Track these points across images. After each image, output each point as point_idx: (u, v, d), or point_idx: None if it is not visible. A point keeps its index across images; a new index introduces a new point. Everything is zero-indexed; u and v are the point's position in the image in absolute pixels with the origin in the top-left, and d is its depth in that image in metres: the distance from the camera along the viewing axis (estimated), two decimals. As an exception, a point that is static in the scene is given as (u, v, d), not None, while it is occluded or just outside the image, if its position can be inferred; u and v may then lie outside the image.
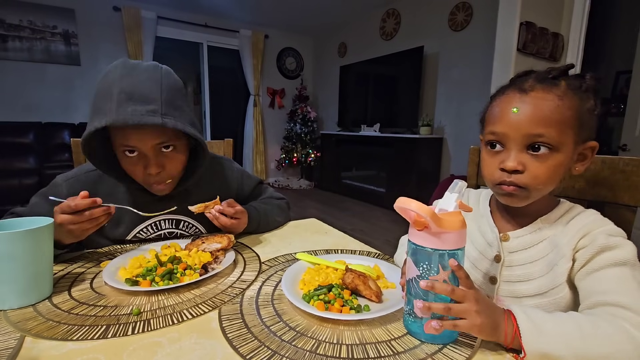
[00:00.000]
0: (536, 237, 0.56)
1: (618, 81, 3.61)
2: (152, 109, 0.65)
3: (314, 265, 0.67)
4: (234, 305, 0.54)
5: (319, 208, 3.98)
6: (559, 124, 0.49)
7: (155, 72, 0.68)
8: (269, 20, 4.84)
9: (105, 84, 0.66)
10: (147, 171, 0.72)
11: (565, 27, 2.46)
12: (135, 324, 0.49)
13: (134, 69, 0.67)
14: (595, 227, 0.50)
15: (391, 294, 0.58)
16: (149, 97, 0.65)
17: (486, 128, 0.56)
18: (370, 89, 4.43)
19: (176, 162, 0.76)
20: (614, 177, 0.69)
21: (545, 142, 0.49)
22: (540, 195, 0.54)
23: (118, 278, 0.60)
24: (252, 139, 5.17)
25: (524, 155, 0.51)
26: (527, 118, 0.49)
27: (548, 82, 0.50)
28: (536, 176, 0.50)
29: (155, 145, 0.71)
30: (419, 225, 0.43)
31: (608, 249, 0.47)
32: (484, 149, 0.57)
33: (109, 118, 0.63)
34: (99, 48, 3.99)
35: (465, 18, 3.29)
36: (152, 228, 0.83)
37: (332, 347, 0.44)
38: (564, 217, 0.55)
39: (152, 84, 0.66)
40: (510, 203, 0.55)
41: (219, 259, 0.68)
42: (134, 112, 0.63)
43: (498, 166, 0.52)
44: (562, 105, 0.49)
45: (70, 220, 0.62)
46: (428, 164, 3.61)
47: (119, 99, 0.63)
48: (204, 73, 4.87)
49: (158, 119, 0.65)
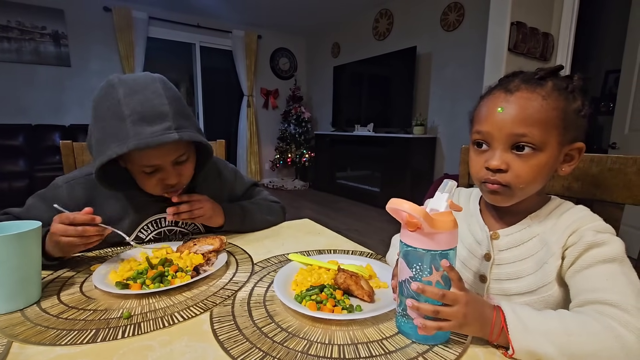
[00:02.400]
0: (525, 235, 0.56)
1: (607, 80, 3.67)
2: (167, 127, 0.66)
3: (307, 265, 0.67)
4: (226, 307, 0.54)
5: (313, 208, 3.98)
6: (542, 124, 0.49)
7: (155, 85, 0.68)
8: (261, 21, 4.83)
9: (110, 104, 0.65)
10: (166, 182, 0.74)
11: (555, 27, 2.49)
12: (125, 327, 0.48)
13: (135, 84, 0.67)
14: (584, 223, 0.50)
15: (383, 294, 0.58)
16: (160, 115, 0.66)
17: (472, 127, 0.57)
18: (364, 89, 4.44)
19: (189, 169, 0.78)
20: (603, 175, 0.70)
21: (529, 142, 0.49)
22: (525, 195, 0.54)
23: (108, 281, 0.60)
24: (246, 139, 5.15)
25: (508, 155, 0.51)
26: (510, 118, 0.49)
27: (533, 83, 0.51)
28: (518, 175, 0.50)
29: (173, 160, 0.73)
30: (411, 226, 0.43)
31: (596, 246, 0.47)
32: (470, 148, 0.58)
33: (130, 143, 0.63)
34: (89, 49, 3.95)
35: (457, 18, 3.31)
36: (153, 226, 0.84)
37: (323, 347, 0.44)
38: (553, 213, 0.55)
39: (158, 99, 0.67)
40: (495, 202, 0.56)
41: (211, 260, 0.68)
42: (153, 134, 0.64)
43: (483, 165, 0.53)
44: (545, 105, 0.49)
45: (62, 230, 0.60)
46: (422, 164, 3.63)
47: (132, 120, 0.64)
48: (196, 74, 4.84)
49: (175, 135, 0.66)
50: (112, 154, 0.64)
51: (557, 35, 2.49)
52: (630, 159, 0.66)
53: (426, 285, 0.43)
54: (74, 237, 0.61)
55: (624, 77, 2.49)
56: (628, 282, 0.44)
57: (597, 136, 3.73)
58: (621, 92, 2.51)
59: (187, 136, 0.68)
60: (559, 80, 0.51)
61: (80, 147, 1.02)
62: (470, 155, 0.58)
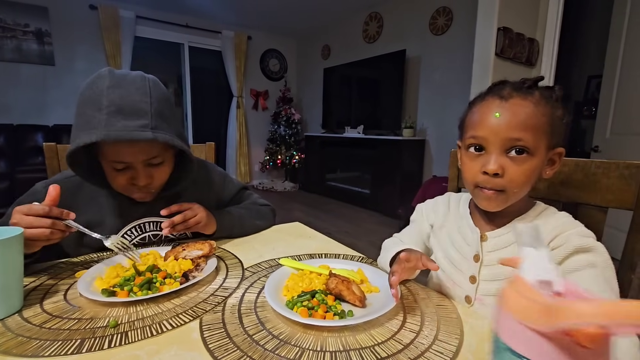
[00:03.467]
0: (511, 237, 0.58)
1: (590, 85, 3.77)
2: (143, 124, 0.64)
3: (298, 270, 0.66)
4: (216, 314, 0.53)
5: (303, 210, 3.97)
6: (534, 129, 0.51)
7: (143, 83, 0.67)
8: (251, 22, 4.80)
9: (91, 93, 0.64)
10: (135, 182, 0.71)
11: (540, 33, 2.55)
12: (112, 336, 0.47)
13: (122, 79, 0.65)
14: (567, 228, 0.53)
15: (375, 298, 0.58)
16: (139, 111, 0.64)
17: (467, 133, 0.58)
18: (354, 91, 4.46)
19: (163, 174, 0.76)
20: (587, 179, 0.71)
21: (524, 146, 0.52)
22: (517, 198, 0.56)
23: (94, 289, 0.58)
24: (236, 141, 5.11)
25: (504, 159, 0.53)
26: (506, 123, 0.52)
27: (524, 91, 0.53)
28: (513, 179, 0.53)
29: (145, 160, 0.70)
30: (599, 338, 0.22)
31: (583, 251, 0.49)
32: (464, 153, 0.59)
33: (99, 133, 0.61)
34: (74, 48, 3.87)
35: (446, 22, 3.36)
36: (137, 231, 0.81)
37: (315, 354, 0.44)
38: (538, 218, 0.58)
39: (141, 96, 0.65)
40: (488, 207, 0.57)
41: (200, 266, 0.67)
42: (125, 128, 0.62)
43: (480, 169, 0.55)
44: (537, 111, 0.52)
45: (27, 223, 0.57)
46: (411, 166, 3.66)
47: (109, 111, 0.62)
48: (185, 74, 4.78)
49: (149, 134, 0.64)
50: (81, 142, 0.62)
51: (542, 41, 2.55)
52: (613, 163, 0.68)
53: None
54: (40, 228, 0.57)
55: (605, 82, 2.56)
56: (609, 288, 0.47)
57: (580, 139, 3.83)
58: (603, 97, 2.58)
59: (162, 138, 0.66)
60: (544, 90, 0.55)
61: (65, 149, 1.00)
62: (464, 161, 0.59)
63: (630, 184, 0.65)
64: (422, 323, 0.51)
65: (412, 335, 0.48)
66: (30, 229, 0.57)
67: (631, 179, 0.65)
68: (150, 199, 0.78)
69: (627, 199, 0.66)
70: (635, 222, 0.64)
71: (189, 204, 0.80)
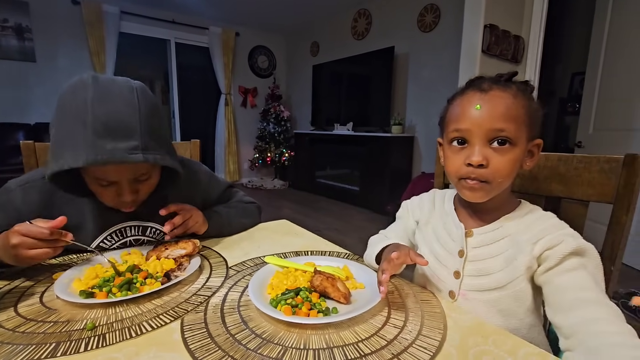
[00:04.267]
0: (498, 234, 0.58)
1: (573, 82, 3.84)
2: (133, 146, 0.60)
3: (283, 268, 0.66)
4: (198, 314, 0.52)
5: (293, 208, 3.96)
6: (515, 119, 0.53)
7: (131, 96, 0.61)
8: (239, 18, 4.74)
9: (74, 105, 0.58)
10: (121, 198, 0.68)
11: (525, 30, 2.58)
12: (88, 339, 0.45)
13: (108, 91, 0.60)
14: (556, 230, 0.54)
15: (360, 295, 0.58)
16: (128, 130, 0.60)
17: (449, 127, 0.58)
18: (343, 88, 4.45)
19: (149, 187, 0.72)
20: (569, 173, 0.72)
21: (506, 137, 0.53)
22: (499, 190, 0.57)
23: (72, 290, 0.57)
24: (224, 138, 5.06)
25: (487, 150, 0.54)
26: (489, 114, 0.53)
27: (502, 84, 0.55)
28: (498, 170, 0.53)
29: (131, 178, 0.67)
30: None
31: (578, 254, 0.51)
32: (447, 148, 0.59)
33: (86, 156, 0.57)
34: (56, 44, 3.76)
35: (434, 19, 3.38)
36: (117, 236, 0.77)
37: (298, 352, 0.43)
38: (525, 217, 0.58)
39: (129, 112, 0.60)
40: (473, 198, 0.57)
41: (183, 265, 0.65)
42: (114, 151, 0.58)
43: (464, 162, 0.55)
44: (516, 103, 0.53)
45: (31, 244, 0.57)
46: (400, 162, 3.68)
47: (95, 130, 0.57)
48: (172, 71, 4.70)
49: (140, 157, 0.60)
50: (65, 165, 0.57)
51: (528, 38, 2.58)
52: (594, 158, 0.69)
53: None
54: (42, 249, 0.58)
55: (588, 79, 2.61)
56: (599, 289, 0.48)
57: (564, 135, 3.90)
58: (586, 93, 2.63)
59: (153, 159, 0.62)
60: (520, 84, 0.56)
61: (44, 147, 0.97)
62: (447, 154, 0.59)
63: (611, 178, 0.66)
64: (407, 318, 0.51)
65: (396, 331, 0.48)
66: (33, 249, 0.57)
67: (611, 173, 0.66)
68: (135, 208, 0.74)
69: (608, 193, 0.67)
70: (615, 216, 0.66)
71: (183, 205, 0.78)
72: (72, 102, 0.59)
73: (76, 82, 0.60)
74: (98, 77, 0.61)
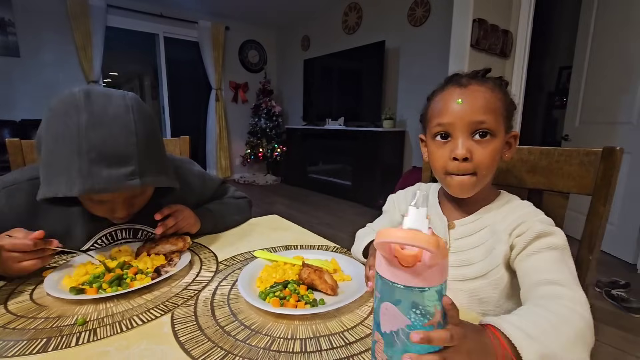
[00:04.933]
0: (478, 225, 0.61)
1: (561, 76, 3.90)
2: (130, 172, 0.58)
3: (272, 262, 0.67)
4: (188, 307, 0.53)
5: (285, 203, 3.97)
6: (494, 112, 0.55)
7: (127, 116, 0.58)
8: (229, 11, 4.69)
9: (66, 129, 0.55)
10: (114, 215, 0.67)
11: (513, 25, 2.61)
12: (79, 334, 0.46)
13: (103, 114, 0.56)
14: (530, 217, 0.56)
15: (346, 287, 0.59)
16: (124, 157, 0.57)
17: (431, 122, 0.60)
18: (335, 83, 4.45)
19: (144, 200, 0.71)
20: (551, 166, 0.74)
21: (487, 128, 0.55)
22: (485, 182, 0.59)
23: (62, 287, 0.57)
24: (215, 134, 5.03)
25: (470, 143, 0.55)
26: (470, 107, 0.55)
27: (479, 79, 0.57)
28: (481, 161, 0.55)
29: (127, 198, 0.66)
30: (410, 260, 0.31)
31: (545, 235, 0.52)
32: (431, 143, 0.61)
33: (81, 186, 0.55)
34: (41, 38, 3.68)
35: (424, 14, 3.38)
36: (107, 239, 0.76)
37: (286, 342, 0.45)
38: (503, 207, 0.61)
39: (126, 138, 0.57)
40: (461, 193, 0.59)
41: (174, 261, 0.66)
42: (110, 178, 0.56)
43: (450, 156, 0.56)
44: (494, 96, 0.56)
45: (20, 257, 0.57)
46: (391, 157, 3.71)
47: (90, 159, 0.55)
48: (161, 66, 4.65)
49: (137, 182, 0.58)
50: (59, 193, 0.55)
51: (516, 33, 2.61)
52: (574, 151, 0.71)
53: (431, 331, 0.32)
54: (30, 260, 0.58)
55: (575, 73, 2.66)
56: (566, 267, 0.50)
57: (551, 129, 3.97)
58: (572, 87, 2.68)
59: (151, 182, 0.61)
60: (495, 79, 0.59)
61: (30, 145, 0.96)
62: (432, 150, 0.61)
63: (590, 170, 0.68)
64: (391, 308, 0.53)
65: (380, 320, 0.49)
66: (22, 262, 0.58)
67: (590, 166, 0.68)
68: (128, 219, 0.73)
69: (587, 185, 0.69)
70: (594, 207, 0.68)
71: (177, 205, 0.77)
72: (64, 126, 0.55)
73: (67, 100, 0.57)
74: (91, 93, 0.57)
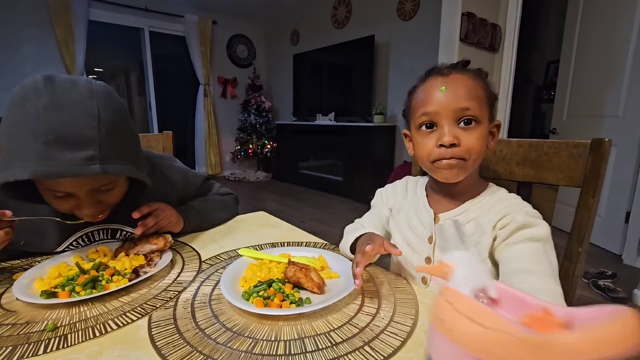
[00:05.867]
0: (463, 218, 0.60)
1: (549, 70, 3.93)
2: (89, 156, 0.54)
3: (257, 260, 0.65)
4: (167, 310, 0.51)
5: (276, 200, 3.93)
6: (477, 99, 0.55)
7: (90, 101, 0.55)
8: (215, 5, 4.60)
9: (25, 113, 0.52)
10: (80, 211, 0.63)
11: (502, 19, 2.61)
12: (48, 340, 0.43)
13: (63, 96, 0.53)
14: (515, 209, 0.55)
15: (334, 284, 0.57)
16: (85, 140, 0.54)
17: (416, 113, 0.59)
18: (325, 78, 4.41)
19: (115, 196, 0.66)
20: (540, 159, 0.74)
21: (472, 115, 0.55)
22: (473, 167, 0.58)
23: (32, 291, 0.54)
24: (204, 130, 4.95)
25: (456, 130, 0.55)
26: (453, 94, 0.54)
27: (460, 69, 0.57)
28: (470, 147, 0.55)
29: (90, 190, 0.61)
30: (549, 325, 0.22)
31: (527, 227, 0.52)
32: (416, 134, 0.60)
33: (35, 168, 0.51)
34: (21, 32, 3.55)
35: (413, 8, 3.37)
36: (84, 240, 0.73)
37: (269, 344, 0.43)
38: (489, 200, 0.60)
39: (87, 120, 0.54)
40: (449, 177, 0.58)
41: (154, 261, 0.63)
42: (68, 162, 0.52)
43: (435, 144, 0.56)
44: (476, 84, 0.56)
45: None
46: (383, 152, 3.70)
47: (47, 141, 0.51)
48: (147, 61, 4.53)
49: (97, 167, 0.54)
50: (10, 177, 0.51)
51: (504, 27, 2.61)
52: (563, 143, 0.70)
53: None
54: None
55: (562, 67, 2.68)
56: (547, 259, 0.50)
57: (540, 122, 4.01)
58: (560, 81, 2.70)
59: (114, 169, 0.57)
60: (474, 70, 0.59)
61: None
62: (417, 140, 0.60)
63: (578, 162, 0.68)
64: (379, 306, 0.51)
65: (368, 319, 0.48)
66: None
67: (579, 158, 0.68)
68: (103, 219, 0.69)
69: (576, 177, 0.68)
70: (583, 199, 0.67)
71: (157, 203, 0.73)
72: (22, 109, 0.53)
73: (28, 84, 0.54)
74: (54, 79, 0.54)
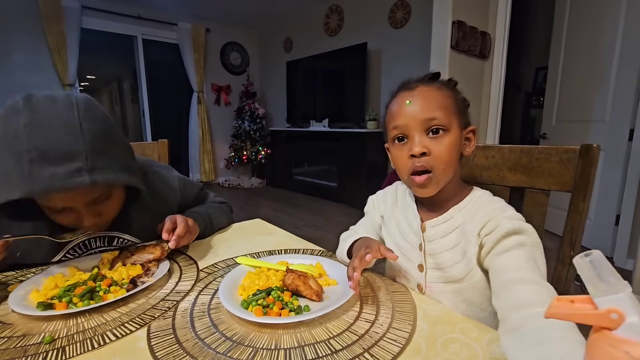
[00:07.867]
0: (450, 226, 0.60)
1: (537, 76, 4.01)
2: (76, 168, 0.53)
3: (255, 268, 0.65)
4: (166, 320, 0.50)
5: (271, 206, 3.93)
6: (443, 108, 0.57)
7: (71, 114, 0.54)
8: (209, 13, 4.62)
9: (6, 133, 0.52)
10: (82, 224, 0.63)
11: (491, 27, 2.66)
12: (46, 353, 0.43)
13: (44, 112, 0.53)
14: (497, 214, 0.55)
15: (332, 292, 0.58)
16: (69, 153, 0.53)
17: (388, 127, 0.61)
18: (318, 85, 4.45)
19: (113, 206, 0.67)
20: (531, 164, 0.75)
21: (439, 124, 0.56)
22: (446, 179, 0.59)
23: (29, 302, 0.53)
24: (198, 138, 4.94)
25: (426, 140, 0.57)
26: (419, 106, 0.57)
27: (427, 81, 0.60)
28: (439, 156, 0.56)
29: (87, 202, 0.61)
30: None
31: (514, 233, 0.52)
32: (392, 148, 0.62)
33: (21, 188, 0.51)
34: (11, 40, 3.52)
35: (404, 16, 3.42)
36: (80, 249, 0.72)
37: (269, 353, 0.43)
38: (472, 204, 0.60)
39: (70, 133, 0.54)
40: (423, 193, 0.60)
41: (151, 270, 0.63)
42: (53, 177, 0.52)
43: (407, 155, 0.58)
44: (441, 94, 0.58)
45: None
46: (376, 157, 3.72)
47: (31, 159, 0.51)
48: (140, 68, 4.53)
49: (86, 179, 0.54)
50: (1, 199, 0.52)
51: (494, 35, 2.66)
52: (553, 149, 0.72)
53: None
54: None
55: (550, 73, 2.73)
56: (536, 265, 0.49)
57: (530, 128, 4.08)
58: (549, 87, 2.76)
59: (103, 179, 0.56)
60: (443, 81, 0.62)
61: None
62: (394, 154, 0.62)
63: (569, 167, 0.69)
64: (378, 312, 0.52)
65: (367, 325, 0.48)
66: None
67: (569, 163, 0.69)
68: (105, 228, 0.69)
69: (566, 182, 0.70)
70: (574, 203, 0.69)
71: (173, 216, 0.74)
72: (3, 130, 0.53)
73: (8, 105, 0.54)
74: (32, 97, 0.54)
